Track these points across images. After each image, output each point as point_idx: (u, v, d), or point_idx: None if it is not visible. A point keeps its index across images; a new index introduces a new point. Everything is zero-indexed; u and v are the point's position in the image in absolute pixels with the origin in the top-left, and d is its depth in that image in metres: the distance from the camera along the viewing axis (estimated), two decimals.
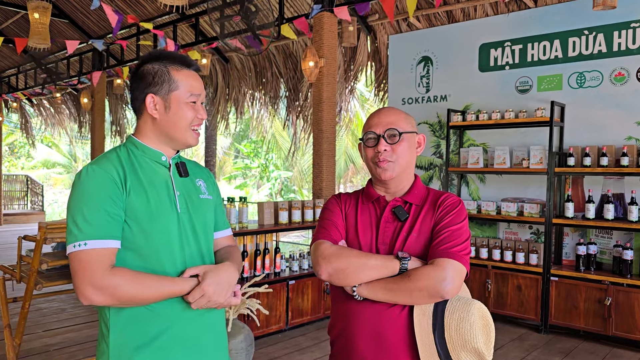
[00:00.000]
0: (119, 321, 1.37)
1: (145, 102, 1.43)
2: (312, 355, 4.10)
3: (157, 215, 1.39)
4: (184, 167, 1.51)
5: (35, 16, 5.20)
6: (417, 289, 1.39)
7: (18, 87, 12.70)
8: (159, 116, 1.44)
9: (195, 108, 1.45)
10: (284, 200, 10.51)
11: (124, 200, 1.35)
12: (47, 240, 2.97)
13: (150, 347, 1.37)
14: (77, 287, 1.29)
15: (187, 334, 1.42)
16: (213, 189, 1.61)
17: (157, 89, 1.43)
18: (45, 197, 17.89)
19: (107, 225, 1.31)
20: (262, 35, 5.90)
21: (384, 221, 1.53)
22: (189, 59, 1.49)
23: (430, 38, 6.12)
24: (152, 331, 1.37)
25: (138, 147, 1.45)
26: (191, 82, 1.45)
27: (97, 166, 1.36)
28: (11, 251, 8.81)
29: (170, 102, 1.43)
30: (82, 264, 1.28)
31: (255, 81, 9.14)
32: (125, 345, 1.36)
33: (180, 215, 1.44)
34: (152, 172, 1.44)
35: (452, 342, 1.37)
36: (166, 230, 1.40)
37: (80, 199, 1.32)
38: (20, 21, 10.22)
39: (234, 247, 1.64)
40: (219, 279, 1.39)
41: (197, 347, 1.44)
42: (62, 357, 3.97)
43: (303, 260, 4.88)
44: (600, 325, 4.48)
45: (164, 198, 1.42)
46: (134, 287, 1.30)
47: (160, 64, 1.44)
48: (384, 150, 1.51)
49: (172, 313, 1.40)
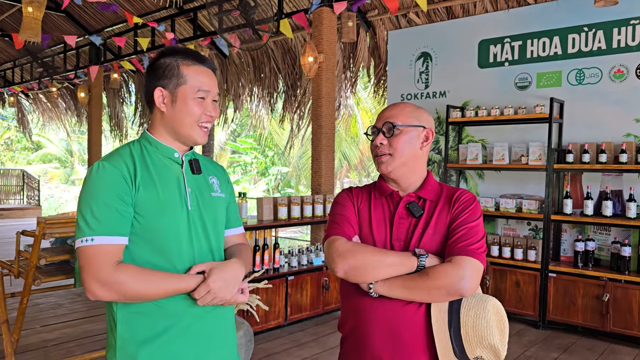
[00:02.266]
0: (126, 315, 1.38)
1: (154, 94, 1.44)
2: (310, 350, 4.10)
3: (166, 211, 1.39)
4: (196, 165, 1.51)
5: (28, 10, 5.14)
6: (436, 287, 1.38)
7: (14, 81, 12.63)
8: (166, 110, 1.44)
9: (203, 105, 1.45)
10: (282, 195, 10.50)
11: (134, 196, 1.36)
12: (45, 235, 2.95)
13: (157, 342, 1.37)
14: (83, 282, 1.30)
15: (195, 330, 1.42)
16: (226, 187, 1.61)
17: (165, 83, 1.44)
18: (41, 192, 17.83)
19: (115, 222, 1.32)
20: (260, 30, 5.87)
21: (398, 217, 1.52)
22: (203, 56, 1.49)
23: (430, 34, 6.10)
24: (159, 326, 1.38)
25: (151, 143, 1.46)
26: (200, 77, 1.45)
27: (107, 163, 1.37)
28: (7, 246, 8.78)
29: (177, 96, 1.43)
30: (88, 259, 1.30)
31: (254, 76, 9.11)
32: (132, 339, 1.37)
33: (191, 212, 1.44)
34: (163, 168, 1.44)
35: (468, 339, 1.37)
36: (175, 226, 1.40)
37: (90, 195, 1.34)
38: (16, 14, 10.14)
39: (244, 244, 1.64)
40: (224, 275, 1.39)
41: (205, 343, 1.45)
42: (59, 352, 3.96)
43: (302, 256, 4.87)
44: (598, 322, 4.50)
45: (174, 194, 1.42)
46: (140, 283, 1.30)
47: (172, 58, 1.45)
48: (380, 143, 1.52)
49: (180, 308, 1.40)
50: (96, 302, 5.39)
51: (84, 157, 22.47)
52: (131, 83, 12.03)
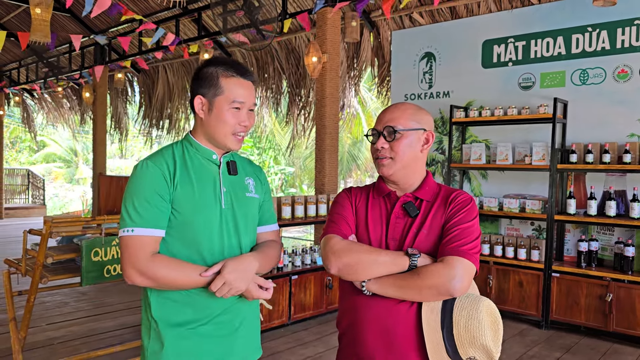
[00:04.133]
0: (158, 300, 1.52)
1: (194, 102, 1.56)
2: (314, 349, 4.12)
3: (201, 208, 1.51)
4: (233, 166, 1.62)
5: (37, 11, 5.18)
6: (427, 286, 1.39)
7: (20, 80, 12.69)
8: (204, 117, 1.56)
9: (237, 115, 1.54)
10: (285, 195, 10.53)
11: (171, 193, 1.49)
12: (52, 234, 2.98)
13: (185, 327, 1.50)
14: (122, 268, 1.46)
15: (221, 319, 1.54)
16: (262, 188, 1.71)
17: (205, 91, 1.55)
18: (46, 191, 17.90)
19: (154, 216, 1.46)
20: (265, 30, 5.90)
21: (394, 217, 1.53)
22: (245, 68, 1.59)
23: (434, 34, 6.11)
24: (188, 314, 1.50)
25: (192, 145, 1.59)
26: (237, 89, 1.55)
27: (150, 162, 1.50)
28: (14, 245, 8.83)
29: (213, 105, 1.54)
30: (127, 248, 1.45)
31: (258, 76, 9.13)
32: (163, 321, 1.50)
33: (224, 210, 1.55)
34: (201, 169, 1.56)
35: (460, 339, 1.38)
36: (208, 223, 1.51)
37: (133, 190, 1.48)
38: (22, 15, 10.20)
39: (273, 241, 1.72)
40: (238, 267, 1.48)
41: (229, 332, 1.56)
42: (66, 350, 3.99)
43: (306, 255, 4.89)
44: (601, 321, 4.50)
45: (209, 193, 1.54)
46: (171, 272, 1.44)
47: (214, 68, 1.55)
48: (381, 147, 1.53)
49: (207, 301, 1.51)
50: (102, 301, 5.43)
51: (88, 157, 22.55)
52: (136, 84, 12.07)
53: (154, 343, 1.50)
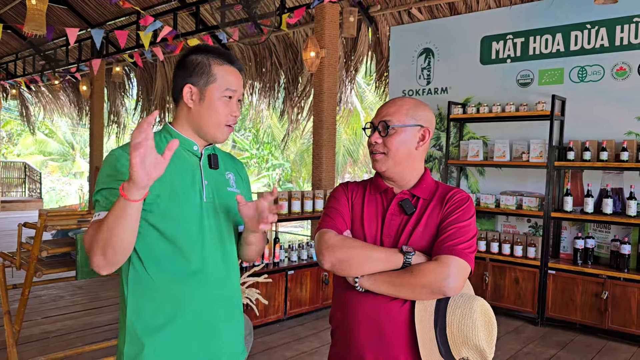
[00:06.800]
0: (135, 301, 1.42)
1: (182, 90, 1.48)
2: (310, 344, 4.12)
3: (180, 201, 1.43)
4: (215, 159, 1.55)
5: (32, 2, 5.15)
6: (420, 284, 1.37)
7: (16, 73, 12.63)
8: (193, 106, 1.48)
9: (229, 105, 1.49)
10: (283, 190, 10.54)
11: None
12: (47, 227, 2.96)
13: (164, 330, 1.41)
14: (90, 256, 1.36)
15: (202, 319, 1.45)
16: (242, 183, 1.65)
17: (195, 80, 1.47)
18: (43, 185, 17.86)
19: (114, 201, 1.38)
20: (263, 24, 5.87)
21: (390, 213, 1.51)
22: (233, 56, 1.53)
23: (432, 30, 6.09)
24: (166, 313, 1.42)
25: (172, 135, 1.50)
26: (229, 77, 1.49)
27: (121, 149, 1.42)
28: (9, 238, 8.81)
29: (205, 94, 1.47)
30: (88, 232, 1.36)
31: (255, 71, 9.11)
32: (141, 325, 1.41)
33: (205, 204, 1.48)
34: (181, 160, 1.48)
35: (453, 339, 1.37)
36: (188, 216, 1.44)
37: (100, 178, 1.41)
38: (19, 7, 10.13)
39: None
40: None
41: (211, 333, 1.47)
42: (60, 344, 3.99)
43: (302, 250, 4.89)
44: (596, 319, 4.51)
45: (189, 186, 1.46)
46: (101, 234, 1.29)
47: (204, 56, 1.49)
48: (375, 142, 1.51)
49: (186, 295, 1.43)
50: (97, 294, 5.42)
51: (85, 151, 22.48)
52: (133, 77, 12.02)
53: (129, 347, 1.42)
